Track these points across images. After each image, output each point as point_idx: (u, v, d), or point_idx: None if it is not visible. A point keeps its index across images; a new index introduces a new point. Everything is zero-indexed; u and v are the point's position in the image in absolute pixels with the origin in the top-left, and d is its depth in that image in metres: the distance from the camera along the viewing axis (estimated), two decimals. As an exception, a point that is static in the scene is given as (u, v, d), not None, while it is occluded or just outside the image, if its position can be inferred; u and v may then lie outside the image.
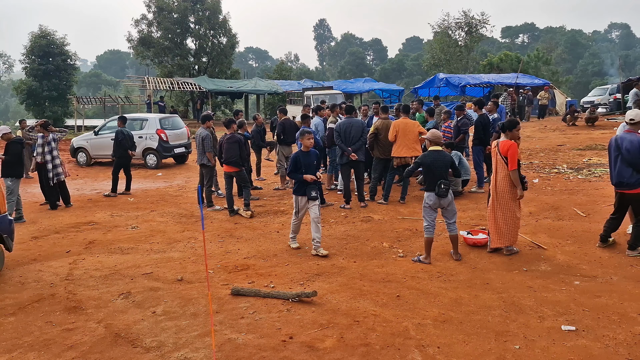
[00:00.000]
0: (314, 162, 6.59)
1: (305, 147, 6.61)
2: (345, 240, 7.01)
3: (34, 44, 34.72)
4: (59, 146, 9.79)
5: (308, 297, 4.83)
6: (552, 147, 14.36)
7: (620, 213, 6.00)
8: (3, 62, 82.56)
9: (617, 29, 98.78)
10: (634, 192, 5.67)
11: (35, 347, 4.13)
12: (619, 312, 4.44)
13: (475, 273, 5.55)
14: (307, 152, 6.60)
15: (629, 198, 5.79)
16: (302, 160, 6.49)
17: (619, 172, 5.71)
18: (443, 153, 6.02)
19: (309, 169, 6.47)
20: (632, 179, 5.60)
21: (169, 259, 6.43)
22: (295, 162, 6.53)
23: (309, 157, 6.59)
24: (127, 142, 10.87)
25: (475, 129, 9.64)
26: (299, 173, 6.46)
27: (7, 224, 6.14)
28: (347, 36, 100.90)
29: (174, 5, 38.03)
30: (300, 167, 6.47)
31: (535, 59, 43.09)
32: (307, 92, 26.21)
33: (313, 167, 6.54)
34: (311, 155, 6.62)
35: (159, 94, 36.17)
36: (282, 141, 10.85)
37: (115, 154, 10.89)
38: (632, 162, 5.56)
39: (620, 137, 5.78)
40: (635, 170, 5.57)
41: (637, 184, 5.59)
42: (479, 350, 3.86)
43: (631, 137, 5.63)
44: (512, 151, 5.82)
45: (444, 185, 5.80)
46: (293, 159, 6.57)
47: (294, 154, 6.67)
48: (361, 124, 8.86)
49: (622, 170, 5.66)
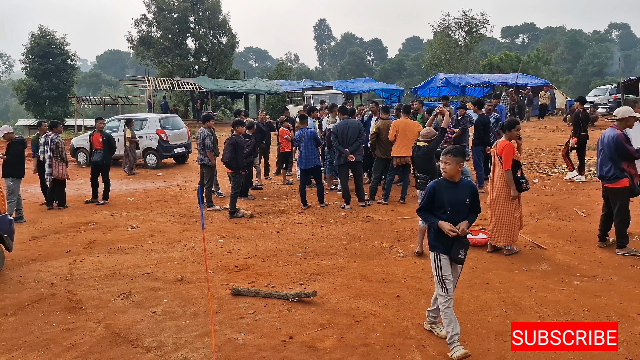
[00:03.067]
0: (465, 200, 3.92)
1: (450, 174, 3.88)
2: (345, 240, 7.01)
3: (34, 44, 34.75)
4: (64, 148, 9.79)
5: (308, 297, 4.83)
6: (552, 147, 14.37)
7: (608, 209, 6.14)
8: (3, 62, 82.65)
9: (617, 29, 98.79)
10: (612, 186, 5.89)
11: (35, 347, 4.13)
12: (619, 312, 4.44)
13: (475, 273, 5.55)
14: (453, 182, 3.92)
15: (608, 191, 6.01)
16: (445, 195, 3.89)
17: (600, 165, 5.98)
18: (424, 148, 6.13)
19: (458, 210, 3.89)
20: (610, 173, 5.84)
21: (169, 259, 6.43)
22: (431, 195, 3.93)
23: (456, 190, 3.92)
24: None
25: (476, 129, 9.64)
26: (434, 215, 3.92)
27: (7, 224, 6.14)
28: (347, 36, 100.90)
29: (174, 5, 38.05)
30: (443, 205, 3.89)
31: (535, 59, 43.13)
32: (307, 92, 26.24)
33: (464, 209, 3.93)
34: (462, 188, 3.94)
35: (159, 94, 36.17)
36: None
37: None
38: (609, 157, 5.81)
39: (603, 133, 6.05)
40: (613, 164, 5.79)
41: (614, 178, 5.82)
42: (479, 350, 3.86)
43: (610, 133, 5.88)
44: (507, 151, 5.86)
45: (420, 180, 6.04)
46: (428, 191, 3.97)
47: (431, 184, 3.99)
48: (358, 124, 8.82)
49: (603, 164, 5.92)
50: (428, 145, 6.16)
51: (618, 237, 5.98)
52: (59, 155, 9.51)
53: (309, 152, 8.98)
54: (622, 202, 5.88)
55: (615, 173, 5.79)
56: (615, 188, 5.88)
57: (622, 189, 5.84)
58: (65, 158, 9.63)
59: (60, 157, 9.54)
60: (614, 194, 5.94)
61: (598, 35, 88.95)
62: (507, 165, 5.86)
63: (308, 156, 8.99)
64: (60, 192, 9.79)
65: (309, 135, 8.99)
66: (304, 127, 9.30)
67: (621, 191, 5.85)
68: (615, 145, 5.72)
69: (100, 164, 10.16)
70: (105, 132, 10.65)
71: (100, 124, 10.66)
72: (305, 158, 9.01)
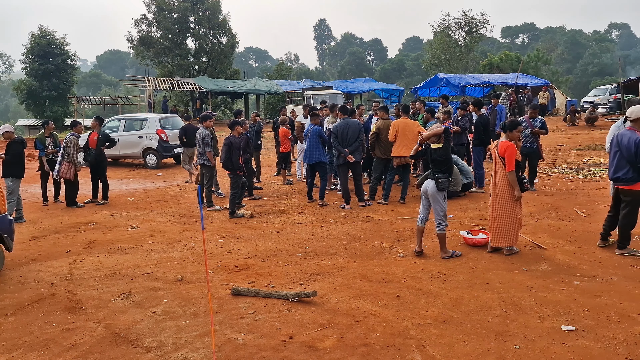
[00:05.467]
0: None
1: None
2: (345, 240, 7.01)
3: (34, 44, 34.75)
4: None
5: (308, 297, 4.83)
6: (552, 147, 14.37)
7: (616, 210, 6.10)
8: (3, 62, 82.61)
9: (617, 29, 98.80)
10: (627, 188, 5.83)
11: (35, 347, 4.13)
12: (619, 312, 4.44)
13: (475, 273, 5.55)
14: None
15: (622, 192, 5.95)
16: None
17: (616, 167, 5.89)
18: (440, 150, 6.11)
19: None
20: (628, 175, 5.77)
21: (169, 259, 6.43)
22: None
23: None
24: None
25: (475, 129, 9.63)
26: None
27: (7, 224, 6.14)
28: (347, 36, 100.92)
29: (174, 5, 38.03)
30: None
31: (535, 59, 43.09)
32: (307, 92, 26.21)
33: None
34: None
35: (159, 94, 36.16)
36: (185, 144, 11.89)
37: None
38: (628, 159, 5.73)
39: (620, 134, 5.94)
40: (631, 166, 5.72)
41: (631, 180, 5.76)
42: (479, 350, 3.86)
43: (630, 135, 5.78)
44: (510, 152, 5.84)
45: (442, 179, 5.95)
46: None
47: None
48: (358, 124, 8.83)
49: (620, 166, 5.84)
50: (442, 145, 6.08)
51: (621, 238, 5.94)
52: (66, 155, 9.57)
53: (314, 147, 9.16)
54: (633, 206, 5.81)
55: (633, 176, 5.69)
56: (630, 190, 5.78)
57: (637, 192, 5.75)
58: (72, 158, 9.67)
59: (68, 157, 9.58)
60: (627, 196, 5.84)
61: (598, 35, 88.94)
62: (510, 166, 5.84)
63: (312, 151, 9.18)
64: (70, 191, 9.86)
65: (314, 132, 9.18)
66: (313, 124, 9.41)
67: (636, 194, 5.76)
68: (636, 148, 5.61)
69: (92, 164, 10.14)
70: (103, 130, 10.56)
71: (94, 123, 10.56)
72: (309, 153, 9.23)
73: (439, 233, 6.06)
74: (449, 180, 6.00)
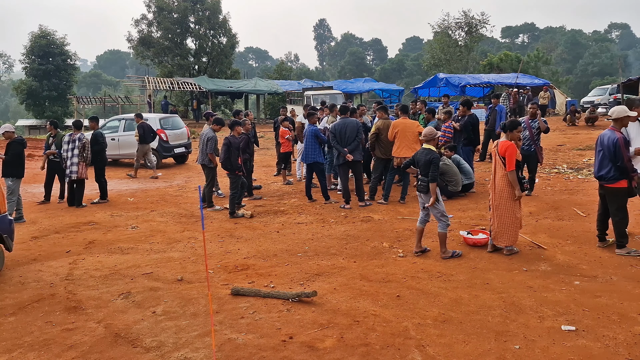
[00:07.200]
0: None
1: None
2: (345, 240, 7.01)
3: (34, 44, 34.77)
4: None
5: (308, 297, 4.83)
6: (552, 147, 14.37)
7: (604, 208, 6.19)
8: (3, 62, 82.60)
9: (617, 29, 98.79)
10: (611, 186, 5.94)
11: (35, 347, 4.13)
12: (619, 312, 4.44)
13: (475, 273, 5.55)
14: None
15: (606, 191, 6.05)
16: None
17: (599, 166, 6.04)
18: (427, 151, 6.09)
19: None
20: (610, 174, 5.90)
21: (169, 259, 6.43)
22: None
23: None
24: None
25: (464, 129, 9.64)
26: None
27: (7, 224, 6.14)
28: (347, 36, 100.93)
29: (174, 5, 38.05)
30: None
31: (535, 59, 43.14)
32: (307, 92, 26.23)
33: None
34: None
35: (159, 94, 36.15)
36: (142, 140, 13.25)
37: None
38: (610, 158, 5.86)
39: (602, 134, 6.08)
40: (613, 165, 5.84)
41: (613, 178, 5.88)
42: (479, 350, 3.86)
43: (610, 134, 5.93)
44: (510, 152, 5.86)
45: (421, 182, 6.06)
46: None
47: None
48: (356, 124, 8.83)
49: (603, 165, 5.98)
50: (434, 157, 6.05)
51: (617, 237, 6.01)
52: (84, 154, 9.64)
53: (309, 147, 9.29)
54: (620, 203, 5.94)
55: (615, 174, 5.85)
56: (614, 188, 5.93)
57: (621, 190, 5.89)
58: (87, 158, 9.71)
59: (84, 157, 9.64)
60: (612, 195, 5.98)
61: (598, 35, 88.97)
62: (511, 166, 5.86)
63: (308, 151, 9.33)
64: (79, 191, 9.85)
65: (310, 132, 9.32)
66: (310, 124, 9.53)
67: (620, 192, 5.90)
68: (614, 148, 5.77)
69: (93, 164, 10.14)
70: (98, 131, 10.45)
71: (92, 124, 10.57)
72: (305, 153, 9.42)
73: (440, 232, 6.07)
74: (427, 186, 5.99)
